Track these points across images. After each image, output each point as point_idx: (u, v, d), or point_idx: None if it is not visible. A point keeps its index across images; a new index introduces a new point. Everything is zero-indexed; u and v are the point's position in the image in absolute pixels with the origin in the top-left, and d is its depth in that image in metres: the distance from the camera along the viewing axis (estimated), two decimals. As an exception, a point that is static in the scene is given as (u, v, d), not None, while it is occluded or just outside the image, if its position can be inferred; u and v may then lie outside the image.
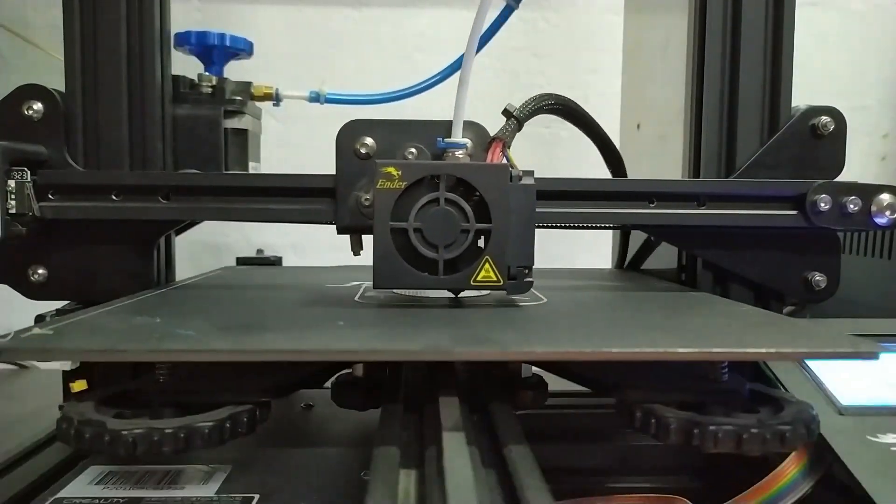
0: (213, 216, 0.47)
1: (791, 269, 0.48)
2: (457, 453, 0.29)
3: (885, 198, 0.45)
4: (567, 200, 0.46)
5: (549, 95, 0.49)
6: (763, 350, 0.31)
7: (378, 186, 0.38)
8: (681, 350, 0.30)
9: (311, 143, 0.46)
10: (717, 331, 0.37)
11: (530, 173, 0.40)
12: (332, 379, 0.41)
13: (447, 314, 0.39)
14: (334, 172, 0.45)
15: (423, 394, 0.38)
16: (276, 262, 0.70)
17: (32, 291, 0.47)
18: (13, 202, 0.42)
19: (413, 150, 0.44)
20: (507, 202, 0.39)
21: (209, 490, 0.35)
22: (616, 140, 0.70)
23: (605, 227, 0.60)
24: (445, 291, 0.44)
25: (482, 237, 0.39)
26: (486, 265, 0.39)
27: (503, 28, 0.54)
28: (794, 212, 0.46)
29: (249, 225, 0.92)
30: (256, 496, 0.34)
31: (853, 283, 0.74)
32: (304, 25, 0.92)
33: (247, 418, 0.33)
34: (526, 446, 0.31)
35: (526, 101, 0.47)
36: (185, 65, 0.51)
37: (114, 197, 0.45)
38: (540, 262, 0.95)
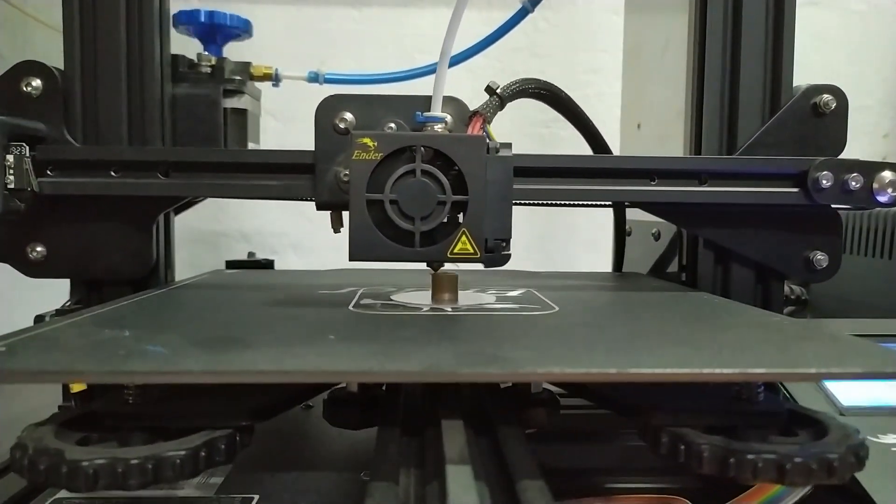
0: (208, 192, 0.46)
1: (792, 248, 0.46)
2: (463, 492, 0.24)
3: (887, 175, 0.43)
4: (570, 178, 0.44)
5: (535, 80, 0.47)
6: (813, 370, 0.26)
7: (354, 158, 0.36)
8: (720, 371, 0.25)
9: (312, 142, 0.42)
10: (752, 345, 0.32)
11: (508, 146, 0.38)
12: (325, 394, 0.36)
13: (451, 325, 0.35)
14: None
15: (423, 412, 0.33)
16: (267, 265, 0.64)
17: (31, 269, 0.44)
18: (11, 177, 0.40)
19: (392, 125, 0.42)
20: (484, 174, 0.37)
21: (209, 490, 0.33)
22: (616, 140, 0.66)
23: (606, 205, 0.57)
24: (448, 299, 0.41)
25: (461, 213, 0.37)
26: (463, 237, 0.37)
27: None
28: (795, 189, 0.44)
29: (249, 224, 0.88)
30: (256, 496, 0.33)
31: (853, 283, 0.71)
32: (304, 25, 0.87)
33: (225, 445, 0.28)
34: (541, 481, 0.25)
35: (511, 82, 0.45)
36: (186, 48, 0.49)
37: (113, 173, 0.43)
38: (541, 263, 0.90)
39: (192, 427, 0.28)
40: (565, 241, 0.89)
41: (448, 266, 0.41)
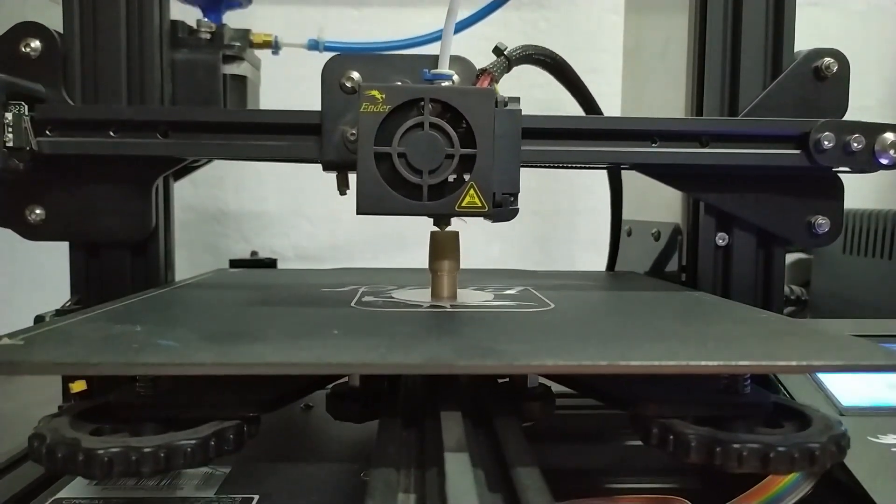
0: (208, 153, 0.46)
1: (794, 212, 0.47)
2: (460, 477, 0.26)
3: (889, 137, 0.43)
4: (568, 140, 0.44)
5: (541, 47, 0.48)
6: (794, 363, 0.28)
7: (362, 110, 0.36)
8: (705, 363, 0.27)
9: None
10: (739, 340, 0.33)
11: (516, 100, 0.39)
12: (328, 389, 0.38)
13: (449, 321, 0.36)
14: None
15: (423, 405, 0.34)
16: (270, 264, 0.66)
17: (31, 232, 0.45)
18: (10, 135, 0.40)
19: (399, 84, 0.42)
20: (493, 127, 0.37)
21: (209, 491, 0.33)
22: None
23: (604, 168, 0.58)
24: (447, 297, 0.42)
25: (467, 174, 0.37)
26: (471, 191, 0.37)
27: (503, 29, 0.52)
28: (797, 151, 0.44)
29: (249, 224, 0.89)
30: (256, 497, 0.33)
31: (853, 283, 0.72)
32: (304, 25, 0.88)
33: (233, 435, 0.30)
34: (536, 468, 0.27)
35: (517, 46, 0.47)
36: (184, 18, 0.50)
37: (111, 133, 0.43)
38: (541, 263, 0.92)
39: (202, 418, 0.30)
40: (565, 241, 0.91)
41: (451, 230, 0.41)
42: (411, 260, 0.83)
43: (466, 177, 0.37)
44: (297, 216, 0.89)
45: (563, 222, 0.91)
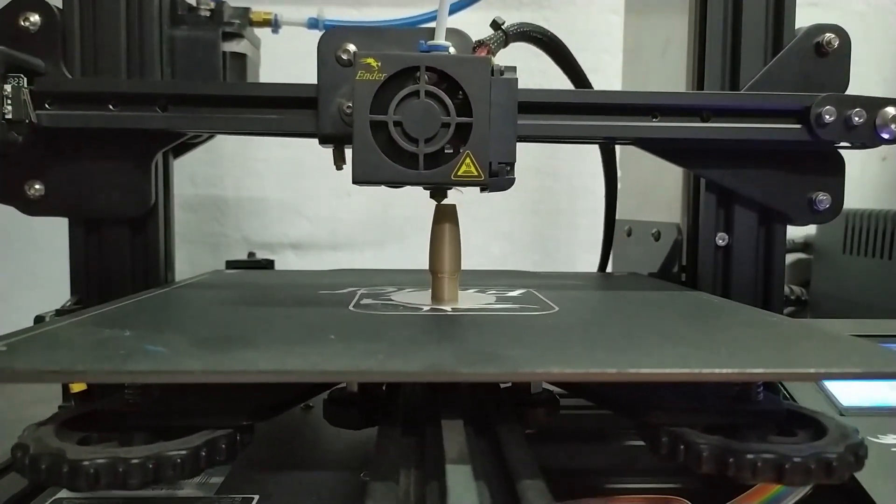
0: (207, 126, 0.45)
1: (795, 188, 0.46)
2: (462, 490, 0.24)
3: (891, 111, 0.43)
4: (566, 114, 0.43)
5: (539, 26, 0.48)
6: (812, 370, 0.26)
7: (357, 78, 0.35)
8: (719, 371, 0.25)
9: (313, 143, 0.43)
10: (751, 345, 0.32)
11: (512, 69, 0.38)
12: (325, 395, 0.36)
13: (450, 325, 0.35)
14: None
15: (423, 412, 0.33)
16: (267, 265, 0.65)
17: (30, 207, 0.45)
18: (9, 107, 0.39)
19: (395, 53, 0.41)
20: (489, 95, 0.36)
21: (209, 490, 0.33)
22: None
23: (602, 141, 0.57)
24: (448, 299, 0.41)
25: (464, 144, 0.36)
26: (468, 160, 0.36)
27: (502, 29, 0.51)
28: (798, 126, 0.44)
29: (248, 224, 0.88)
30: (256, 497, 0.33)
31: (853, 283, 0.71)
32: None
33: (225, 445, 0.28)
34: (541, 481, 0.25)
35: (514, 22, 0.46)
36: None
37: (111, 107, 0.43)
38: (541, 263, 0.90)
39: (193, 427, 0.28)
40: (565, 241, 0.90)
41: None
42: (411, 259, 0.81)
43: (462, 148, 0.36)
44: (296, 215, 0.88)
45: (563, 222, 0.89)
